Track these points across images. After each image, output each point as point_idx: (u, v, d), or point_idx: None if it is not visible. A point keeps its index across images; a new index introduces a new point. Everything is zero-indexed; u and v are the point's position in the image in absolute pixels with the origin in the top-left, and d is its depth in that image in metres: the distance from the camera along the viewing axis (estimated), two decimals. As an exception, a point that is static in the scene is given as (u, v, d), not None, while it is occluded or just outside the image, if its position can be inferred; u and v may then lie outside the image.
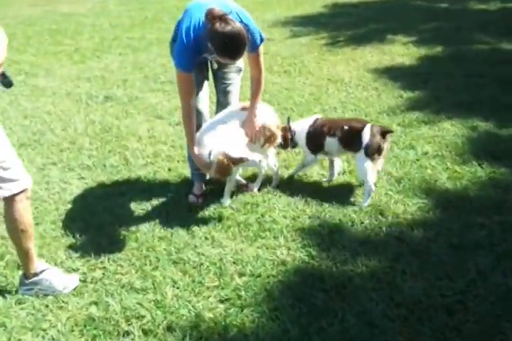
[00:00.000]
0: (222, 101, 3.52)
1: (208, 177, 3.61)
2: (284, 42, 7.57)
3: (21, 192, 2.44)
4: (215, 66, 3.38)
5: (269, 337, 2.34)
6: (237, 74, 3.47)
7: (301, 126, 3.62)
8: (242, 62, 3.43)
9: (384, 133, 3.36)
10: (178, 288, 2.70)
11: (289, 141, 3.64)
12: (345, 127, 3.41)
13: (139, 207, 3.47)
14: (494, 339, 2.23)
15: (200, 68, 3.29)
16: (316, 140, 3.52)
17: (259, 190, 3.59)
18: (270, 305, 2.53)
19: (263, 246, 2.99)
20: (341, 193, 3.54)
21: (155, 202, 3.52)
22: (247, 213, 3.32)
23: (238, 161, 3.20)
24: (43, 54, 7.57)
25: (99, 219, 3.32)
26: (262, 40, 3.14)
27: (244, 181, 3.68)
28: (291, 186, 3.63)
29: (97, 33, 8.81)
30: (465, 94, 5.24)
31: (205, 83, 3.42)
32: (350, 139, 3.38)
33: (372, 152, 3.30)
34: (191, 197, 3.51)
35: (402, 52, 6.93)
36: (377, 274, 2.69)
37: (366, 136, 3.31)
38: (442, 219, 3.16)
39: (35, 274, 2.63)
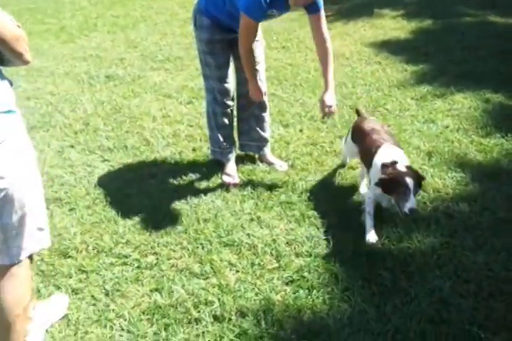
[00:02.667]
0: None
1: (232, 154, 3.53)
2: (273, 17, 7.39)
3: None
4: None
5: (347, 319, 2.31)
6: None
7: None
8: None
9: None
10: (238, 271, 2.63)
11: None
12: None
13: (172, 189, 3.35)
14: None
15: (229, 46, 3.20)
16: None
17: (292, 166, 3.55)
18: (339, 286, 2.49)
19: (313, 226, 2.94)
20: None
21: (188, 183, 3.41)
22: (286, 192, 3.26)
23: None
24: (28, 34, 7.02)
25: (136, 203, 3.20)
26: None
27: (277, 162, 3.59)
28: (323, 164, 3.58)
29: (77, 11, 8.46)
30: (468, 67, 5.27)
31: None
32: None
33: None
34: (225, 178, 3.42)
35: (393, 26, 6.91)
36: (437, 250, 2.69)
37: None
38: (483, 192, 3.17)
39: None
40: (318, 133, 4.03)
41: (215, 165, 3.56)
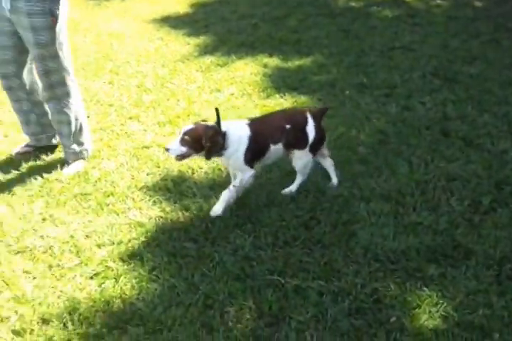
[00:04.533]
0: None
1: None
2: None
3: None
4: None
5: (157, 298, 2.27)
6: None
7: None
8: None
9: (322, 114, 2.86)
10: (35, 278, 2.42)
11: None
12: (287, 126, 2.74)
13: None
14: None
15: None
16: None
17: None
18: (145, 267, 2.44)
19: (112, 213, 2.83)
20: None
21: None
22: (80, 183, 3.09)
23: None
24: None
25: None
26: None
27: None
28: (115, 148, 3.46)
29: None
30: (245, 35, 5.52)
31: None
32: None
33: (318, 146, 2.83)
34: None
35: (171, 0, 6.91)
36: (235, 211, 2.77)
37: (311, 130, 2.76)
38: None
39: None
40: (106, 117, 3.88)
41: None
